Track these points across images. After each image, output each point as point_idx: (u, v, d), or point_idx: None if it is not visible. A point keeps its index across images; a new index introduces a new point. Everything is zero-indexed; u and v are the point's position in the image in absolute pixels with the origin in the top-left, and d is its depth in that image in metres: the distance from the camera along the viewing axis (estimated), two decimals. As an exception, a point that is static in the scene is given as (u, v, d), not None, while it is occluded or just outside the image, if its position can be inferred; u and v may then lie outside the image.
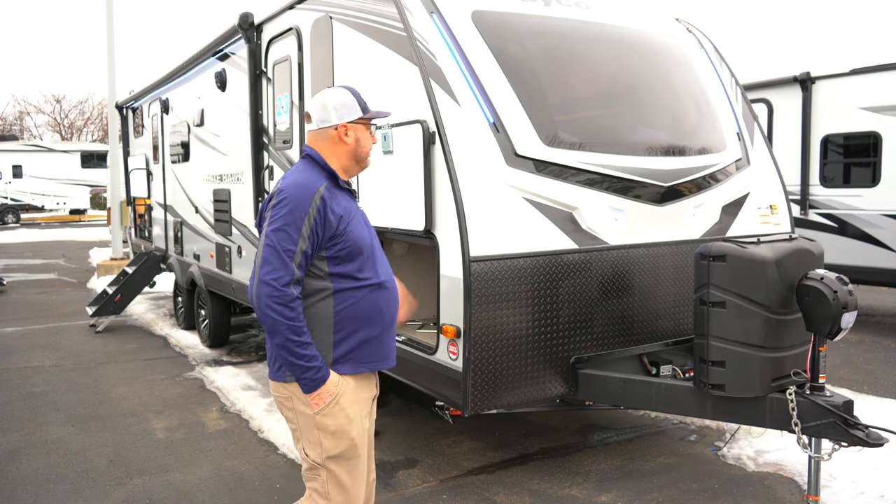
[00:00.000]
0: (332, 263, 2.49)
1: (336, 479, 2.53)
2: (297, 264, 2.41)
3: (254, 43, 5.90)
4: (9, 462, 4.71)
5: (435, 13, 4.02)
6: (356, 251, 2.51)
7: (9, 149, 31.70)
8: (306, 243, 2.42)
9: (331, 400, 2.47)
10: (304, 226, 2.41)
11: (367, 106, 2.67)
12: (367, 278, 2.54)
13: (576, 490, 4.16)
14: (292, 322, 2.37)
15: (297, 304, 2.40)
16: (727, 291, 3.42)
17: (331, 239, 2.47)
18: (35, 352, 7.90)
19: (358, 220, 2.58)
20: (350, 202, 2.62)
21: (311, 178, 2.51)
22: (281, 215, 2.42)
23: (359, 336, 2.53)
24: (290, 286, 2.38)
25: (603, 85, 4.55)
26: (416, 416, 5.46)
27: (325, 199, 2.46)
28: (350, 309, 2.50)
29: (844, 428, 3.26)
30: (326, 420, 2.48)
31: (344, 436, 2.51)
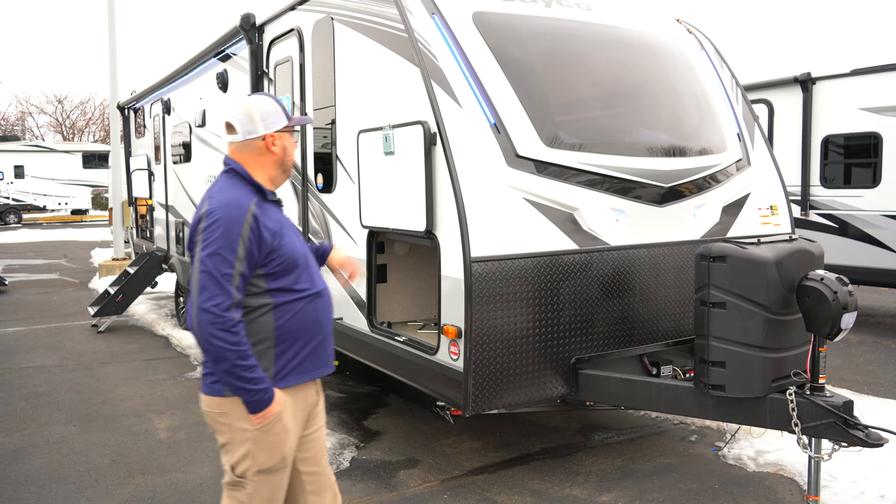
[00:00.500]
0: (269, 279, 2.44)
1: (261, 492, 2.50)
2: (236, 287, 2.34)
3: (255, 44, 5.91)
4: (11, 462, 4.72)
5: (436, 14, 4.03)
6: (292, 264, 2.49)
7: (11, 149, 31.73)
8: (243, 265, 2.35)
9: (274, 415, 2.43)
10: (240, 247, 2.35)
11: (289, 113, 2.63)
12: (306, 289, 2.52)
13: (577, 490, 4.17)
14: (238, 347, 2.31)
15: (239, 327, 2.33)
16: (727, 292, 3.43)
17: (267, 256, 2.42)
18: (37, 352, 7.92)
19: (290, 232, 2.57)
20: (280, 214, 2.59)
21: (241, 196, 2.44)
22: (214, 238, 2.34)
23: (300, 347, 2.51)
24: (232, 310, 2.32)
25: (604, 86, 4.56)
26: (417, 416, 5.47)
27: (258, 216, 2.41)
28: (291, 321, 2.47)
29: (844, 428, 3.27)
30: (266, 436, 2.45)
31: (278, 450, 2.48)
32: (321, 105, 4.98)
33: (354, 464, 4.59)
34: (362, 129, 4.33)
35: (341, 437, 5.02)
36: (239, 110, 2.56)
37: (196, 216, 2.45)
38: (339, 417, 5.47)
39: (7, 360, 7.53)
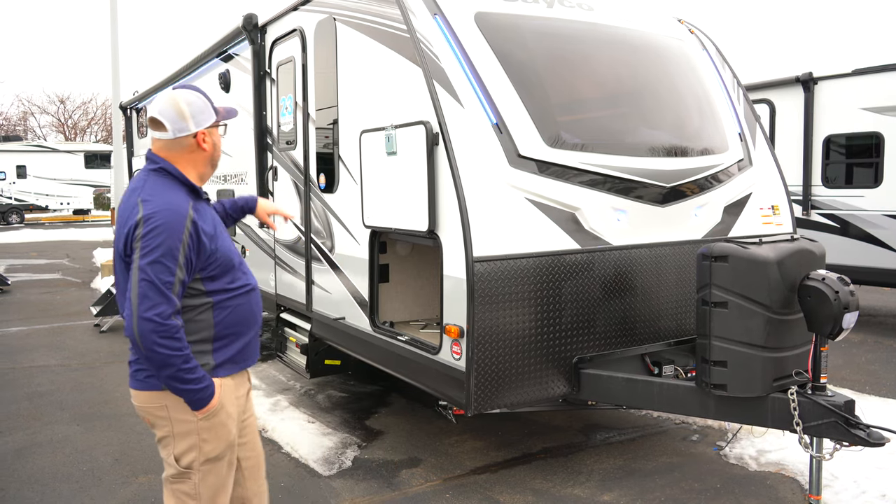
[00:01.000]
0: (207, 282, 2.45)
1: (209, 481, 2.52)
2: (176, 294, 2.32)
3: (258, 44, 5.93)
4: (15, 461, 4.74)
5: (438, 15, 4.04)
6: (228, 265, 2.51)
7: (13, 149, 31.76)
8: (183, 272, 2.33)
9: (216, 405, 2.47)
10: (180, 254, 2.32)
11: (214, 105, 2.59)
12: (242, 285, 2.57)
13: (578, 489, 4.18)
14: (181, 352, 2.31)
15: (181, 333, 2.33)
16: (729, 292, 3.43)
17: (206, 261, 2.42)
18: (40, 351, 7.94)
19: (222, 232, 2.58)
20: (212, 212, 2.60)
21: (179, 201, 2.39)
22: (154, 246, 2.28)
23: (237, 340, 2.56)
24: (173, 318, 2.31)
25: (605, 86, 4.57)
26: (420, 416, 5.49)
27: (196, 221, 2.38)
28: (229, 317, 2.51)
29: (846, 428, 3.28)
30: (211, 424, 2.47)
31: (224, 437, 2.51)
32: (324, 105, 4.99)
33: (357, 463, 4.60)
34: (365, 129, 4.34)
35: (344, 437, 5.03)
36: (167, 107, 2.47)
37: (130, 220, 2.34)
38: (341, 417, 5.48)
39: (10, 360, 7.55)
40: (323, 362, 5.31)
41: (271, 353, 7.26)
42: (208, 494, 2.53)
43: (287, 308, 5.81)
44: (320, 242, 5.07)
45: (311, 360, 5.24)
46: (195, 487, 2.50)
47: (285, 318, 5.82)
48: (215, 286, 2.47)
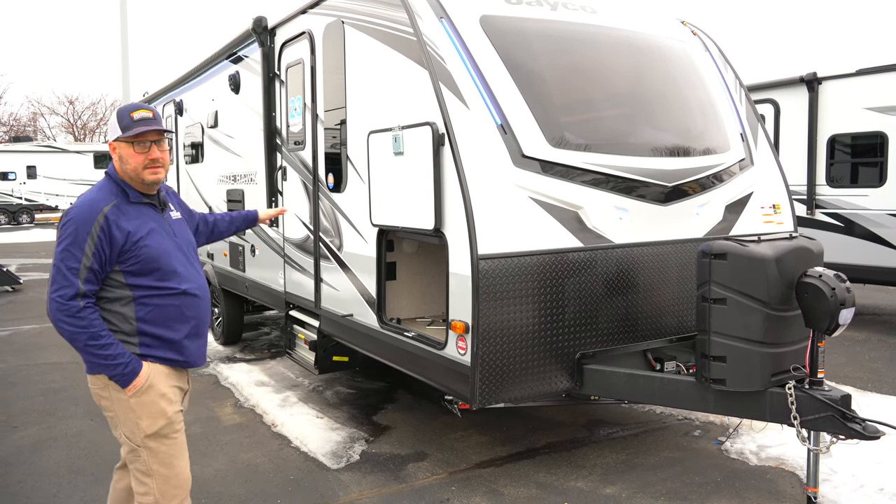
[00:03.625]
0: (128, 275, 2.66)
1: (157, 457, 2.70)
2: (83, 279, 2.57)
3: (267, 46, 6.03)
4: (32, 454, 4.86)
5: (444, 18, 4.13)
6: (150, 265, 2.68)
7: (23, 149, 32.07)
8: (90, 260, 2.57)
9: (143, 384, 2.66)
10: (88, 245, 2.57)
11: (130, 124, 2.73)
12: (169, 287, 2.72)
13: (581, 482, 4.26)
14: (85, 329, 2.55)
15: (85, 313, 2.56)
16: (728, 288, 3.51)
17: (120, 255, 2.62)
18: (52, 349, 8.07)
19: (155, 235, 2.73)
20: (145, 217, 2.75)
21: (98, 198, 2.67)
22: (65, 236, 2.59)
23: (163, 337, 2.72)
24: (77, 299, 2.55)
25: (608, 87, 4.65)
26: (426, 412, 5.58)
27: (109, 217, 2.62)
28: (153, 313, 2.69)
29: (842, 421, 3.35)
30: (142, 401, 2.66)
31: (160, 414, 2.69)
32: (332, 106, 5.09)
33: (364, 457, 4.70)
34: (372, 129, 4.44)
35: (351, 432, 5.13)
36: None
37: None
38: (349, 412, 5.58)
39: (24, 357, 7.68)
40: (331, 359, 5.41)
41: (280, 349, 7.36)
42: (161, 469, 2.71)
43: (296, 305, 5.91)
44: (328, 241, 5.17)
45: (319, 357, 5.34)
46: (146, 464, 2.70)
47: (294, 315, 5.92)
48: (138, 282, 2.66)
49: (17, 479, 4.44)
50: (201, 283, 2.87)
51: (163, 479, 2.72)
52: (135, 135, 2.71)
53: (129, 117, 2.75)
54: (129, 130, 2.73)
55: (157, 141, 2.78)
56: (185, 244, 2.90)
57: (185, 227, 3.02)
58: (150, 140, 2.75)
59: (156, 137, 2.77)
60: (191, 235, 3.04)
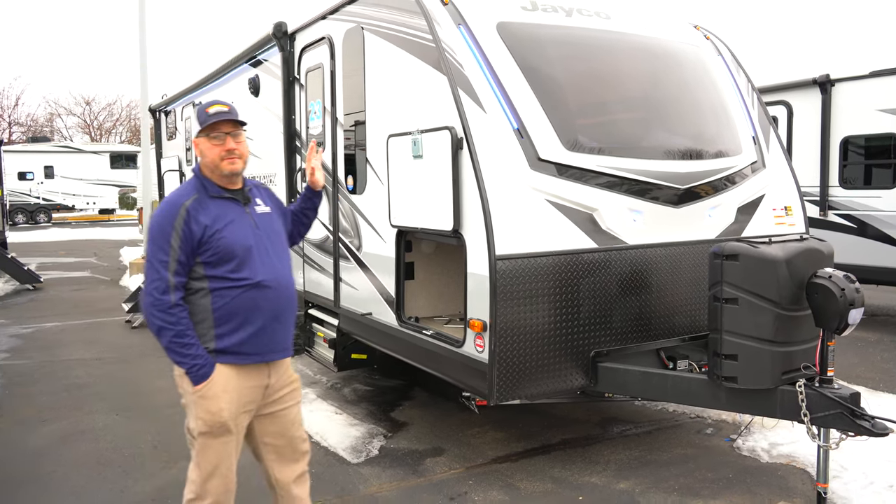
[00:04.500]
0: (207, 267, 2.77)
1: (204, 453, 2.85)
2: (173, 272, 2.71)
3: (287, 51, 6.17)
4: (61, 446, 5.02)
5: (462, 25, 4.25)
6: (227, 255, 2.77)
7: (41, 150, 32.46)
8: (177, 253, 2.72)
9: (209, 387, 2.77)
10: (174, 238, 2.72)
11: (206, 119, 2.87)
12: (243, 278, 2.79)
13: (596, 478, 4.37)
14: (174, 327, 2.71)
15: (175, 310, 2.71)
16: (740, 288, 3.61)
17: (199, 246, 2.75)
18: (76, 346, 8.26)
19: (234, 227, 2.82)
20: (225, 210, 2.85)
21: (181, 194, 2.84)
22: (154, 232, 2.76)
23: (239, 330, 2.81)
24: (169, 294, 2.70)
25: (622, 91, 4.75)
26: (442, 409, 5.70)
27: (190, 211, 2.76)
28: (228, 305, 2.78)
29: (851, 418, 3.44)
30: (202, 401, 2.79)
31: (212, 417, 2.80)
32: (351, 110, 5.22)
33: (383, 452, 4.82)
34: (392, 133, 4.56)
35: (370, 427, 5.25)
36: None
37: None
38: (367, 409, 5.71)
39: (49, 353, 7.87)
40: (350, 356, 5.54)
41: (299, 347, 7.49)
42: (204, 467, 2.85)
43: (315, 304, 6.05)
44: (348, 241, 5.30)
45: (338, 354, 5.47)
46: (197, 456, 2.87)
47: (313, 314, 6.05)
48: (214, 272, 2.77)
49: (49, 470, 4.59)
50: (280, 275, 2.91)
51: (206, 475, 2.86)
52: (209, 125, 2.84)
53: (206, 112, 2.88)
54: (203, 124, 2.87)
55: (232, 133, 2.87)
56: (270, 236, 2.94)
57: (273, 221, 3.04)
58: (225, 131, 2.86)
59: (230, 129, 2.87)
60: (279, 228, 3.07)
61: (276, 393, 2.99)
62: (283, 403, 3.03)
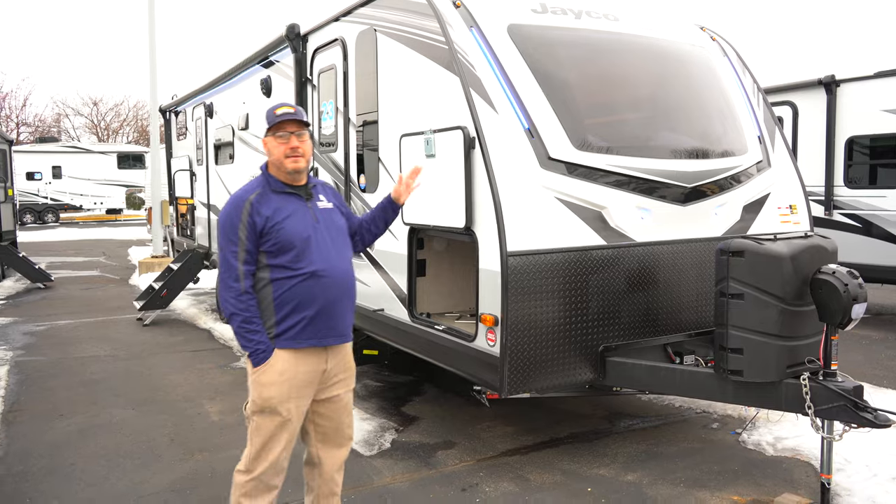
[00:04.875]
0: (269, 256, 2.96)
1: (256, 431, 3.02)
2: (242, 261, 2.93)
3: (300, 52, 6.28)
4: (80, 440, 5.13)
5: (474, 27, 4.35)
6: (287, 246, 2.94)
7: (49, 150, 32.67)
8: (245, 243, 2.93)
9: (265, 370, 2.96)
10: (241, 229, 2.94)
11: (273, 119, 3.05)
12: (301, 268, 2.95)
13: (604, 470, 4.46)
14: (243, 313, 2.93)
15: (245, 297, 2.93)
16: (745, 284, 3.70)
17: (261, 236, 2.94)
18: (89, 342, 8.38)
19: (294, 219, 2.99)
20: (286, 203, 3.01)
21: (247, 189, 3.04)
22: (224, 225, 2.98)
23: (296, 316, 2.96)
24: (239, 282, 2.93)
25: (630, 92, 4.84)
26: (452, 404, 5.80)
27: (254, 204, 2.96)
28: (286, 294, 2.95)
29: (854, 411, 3.52)
30: (259, 382, 2.98)
31: (266, 398, 2.97)
32: (364, 111, 5.32)
33: (395, 445, 4.92)
34: (404, 133, 4.66)
35: (382, 422, 5.35)
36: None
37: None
38: (378, 404, 5.81)
39: (63, 350, 7.99)
40: (361, 352, 5.64)
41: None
42: (255, 444, 3.03)
43: (327, 301, 6.14)
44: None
45: (350, 350, 5.57)
46: (250, 433, 3.05)
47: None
48: (275, 262, 2.95)
49: (70, 462, 4.71)
50: (336, 267, 3.04)
51: (255, 452, 3.03)
52: (275, 125, 3.02)
53: (273, 114, 3.06)
54: (271, 123, 3.05)
55: (296, 132, 3.03)
56: (329, 230, 3.09)
57: (334, 216, 3.17)
58: (290, 131, 3.02)
59: (294, 129, 3.03)
60: (340, 223, 3.19)
61: (332, 378, 3.14)
62: (338, 389, 3.18)
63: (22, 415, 5.72)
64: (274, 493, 3.11)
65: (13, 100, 43.56)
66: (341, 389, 3.19)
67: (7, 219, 14.57)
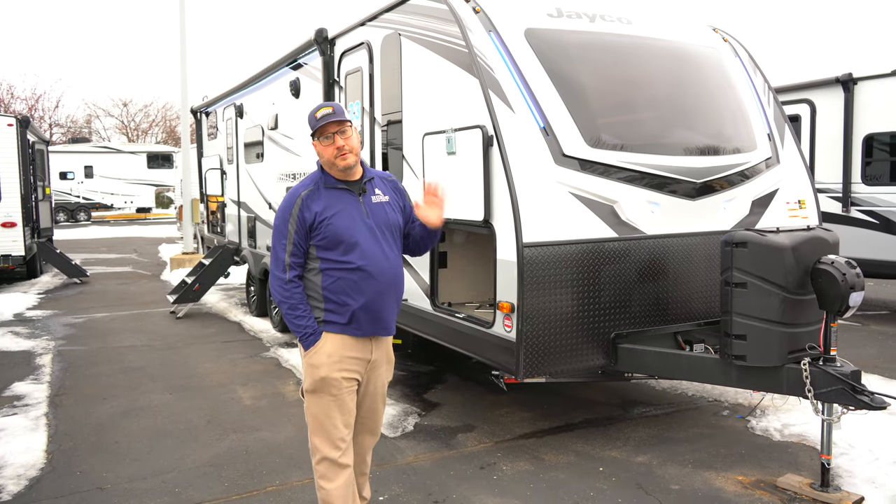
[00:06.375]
0: (319, 249, 3.11)
1: (310, 410, 3.19)
2: (289, 253, 3.10)
3: (328, 55, 6.57)
4: (122, 420, 5.47)
5: (492, 31, 4.60)
6: (335, 240, 3.07)
7: (81, 150, 33.48)
8: (293, 236, 3.10)
9: (315, 352, 3.13)
10: (290, 224, 3.10)
11: (314, 123, 3.13)
12: (348, 262, 3.07)
13: (615, 452, 4.69)
14: (288, 300, 3.12)
15: (290, 286, 3.11)
16: (748, 274, 3.90)
17: (311, 230, 3.09)
18: (126, 334, 8.77)
19: (343, 215, 3.09)
20: (337, 199, 3.12)
21: (300, 186, 3.18)
22: (278, 220, 3.16)
23: (342, 307, 3.10)
24: (285, 272, 3.11)
25: (642, 92, 5.06)
26: (472, 391, 6.05)
27: (305, 199, 3.10)
28: (334, 284, 3.10)
29: (852, 394, 3.72)
30: (311, 361, 3.15)
31: (315, 377, 3.13)
32: (389, 111, 5.59)
33: (418, 428, 5.19)
34: (427, 132, 4.93)
35: (405, 407, 5.63)
36: None
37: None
38: (401, 391, 6.08)
39: (101, 341, 8.38)
40: (386, 341, 5.90)
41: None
42: (311, 424, 3.22)
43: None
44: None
45: (375, 339, 5.84)
46: (306, 411, 3.24)
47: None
48: (325, 255, 3.12)
49: (114, 440, 5.04)
50: (381, 262, 3.12)
51: (311, 432, 3.21)
52: (318, 129, 3.11)
53: (314, 117, 3.14)
54: (314, 128, 3.14)
55: (338, 131, 3.08)
56: (380, 225, 3.16)
57: (388, 211, 3.22)
58: (332, 131, 3.09)
59: (336, 128, 3.08)
60: (394, 218, 3.23)
61: (376, 369, 3.27)
62: (379, 380, 3.32)
63: (68, 398, 6.08)
64: (346, 471, 3.20)
65: (46, 101, 44.65)
66: (380, 380, 3.32)
67: (45, 217, 15.11)
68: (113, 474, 4.45)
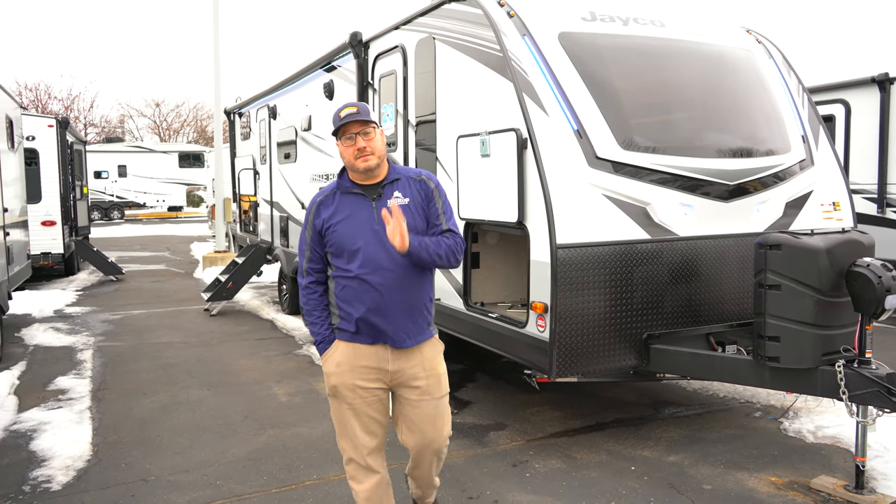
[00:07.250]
0: (331, 256, 3.10)
1: (333, 412, 3.22)
2: (308, 258, 3.14)
3: (362, 58, 6.68)
4: (163, 415, 5.63)
5: (527, 35, 4.66)
6: (340, 248, 3.03)
7: (115, 149, 34.14)
8: (310, 242, 3.13)
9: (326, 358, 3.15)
10: (307, 229, 3.14)
11: (337, 122, 3.04)
12: (348, 270, 3.01)
13: (647, 452, 4.72)
14: (304, 305, 3.18)
15: (305, 291, 3.16)
16: (782, 276, 3.92)
17: (321, 237, 3.09)
18: (162, 330, 8.98)
19: (348, 222, 3.01)
20: (348, 205, 3.04)
21: (321, 191, 3.17)
22: (302, 224, 3.21)
23: (347, 315, 3.06)
24: (304, 276, 3.16)
25: (675, 95, 5.08)
26: (503, 390, 6.12)
27: (318, 206, 3.11)
28: (342, 292, 3.06)
29: (888, 396, 3.72)
30: (323, 367, 3.19)
31: (331, 386, 3.14)
32: (422, 113, 5.68)
33: (450, 425, 5.26)
34: (461, 134, 5.00)
35: (437, 405, 5.71)
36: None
37: None
38: (433, 389, 6.16)
39: (139, 337, 8.60)
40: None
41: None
42: (336, 427, 3.23)
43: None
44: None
45: (408, 338, 5.93)
46: (332, 415, 3.26)
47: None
48: (335, 262, 3.10)
49: (156, 434, 5.20)
50: (385, 271, 2.98)
51: (337, 434, 3.25)
52: (340, 128, 3.03)
53: (338, 116, 3.05)
54: (336, 127, 3.06)
55: (361, 132, 2.98)
56: (380, 233, 2.96)
57: (406, 215, 2.98)
58: (355, 132, 2.99)
59: (359, 129, 2.98)
60: (409, 221, 2.97)
61: (409, 382, 3.11)
62: (416, 395, 3.12)
63: (109, 393, 6.27)
64: (375, 477, 3.17)
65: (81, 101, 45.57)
66: (420, 396, 3.12)
67: (83, 215, 15.46)
68: (156, 467, 4.60)
